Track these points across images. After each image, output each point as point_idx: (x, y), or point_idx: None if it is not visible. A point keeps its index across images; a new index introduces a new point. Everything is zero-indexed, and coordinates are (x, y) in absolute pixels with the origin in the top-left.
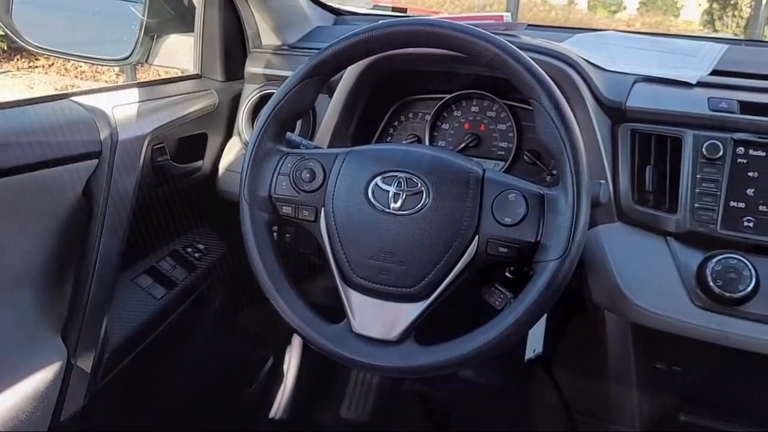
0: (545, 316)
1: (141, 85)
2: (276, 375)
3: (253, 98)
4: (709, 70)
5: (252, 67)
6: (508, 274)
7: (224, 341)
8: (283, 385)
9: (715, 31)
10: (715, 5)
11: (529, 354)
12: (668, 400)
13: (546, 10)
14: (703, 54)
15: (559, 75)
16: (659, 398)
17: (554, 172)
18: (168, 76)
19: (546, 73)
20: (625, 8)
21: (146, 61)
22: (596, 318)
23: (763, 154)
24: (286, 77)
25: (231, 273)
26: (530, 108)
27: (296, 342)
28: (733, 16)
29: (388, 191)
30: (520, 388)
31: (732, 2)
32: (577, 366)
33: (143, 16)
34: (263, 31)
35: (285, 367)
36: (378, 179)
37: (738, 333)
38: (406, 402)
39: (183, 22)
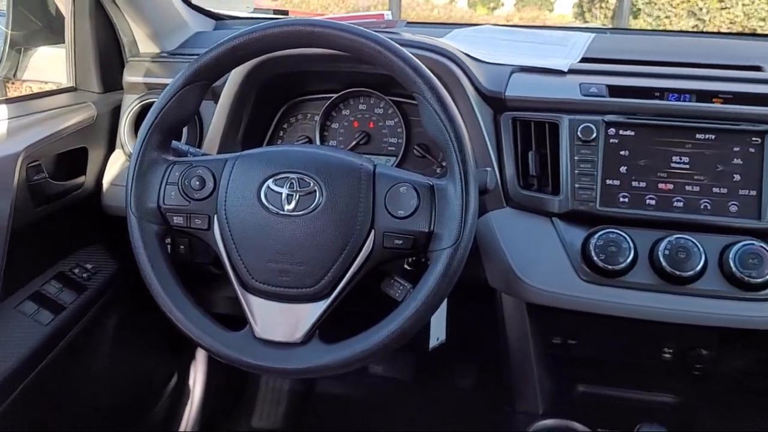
0: (446, 304)
1: (10, 101)
2: (182, 392)
3: (134, 108)
4: (579, 58)
5: (130, 77)
6: (407, 266)
7: (123, 362)
8: (190, 402)
9: (585, 22)
10: None
11: (433, 342)
12: (567, 373)
13: (428, 9)
14: (573, 43)
15: (439, 69)
16: (558, 373)
17: (444, 163)
18: (40, 91)
19: (427, 67)
20: (503, 5)
21: (14, 75)
22: (495, 301)
23: (632, 133)
24: (167, 85)
25: (125, 291)
26: (415, 103)
27: (200, 355)
28: (601, 8)
29: (281, 193)
30: (430, 378)
31: None
32: (480, 350)
33: (7, 28)
34: (140, 39)
35: (191, 382)
36: (270, 182)
37: (621, 302)
38: (319, 405)
39: (52, 33)
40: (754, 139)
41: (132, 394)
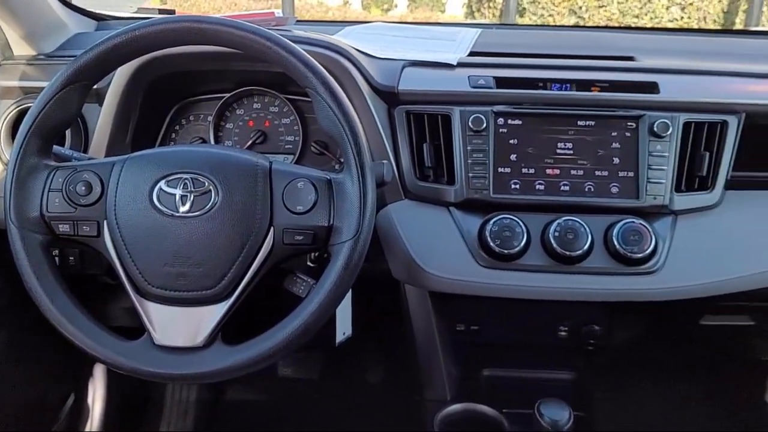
0: (350, 297)
1: None
2: (80, 412)
3: (11, 114)
4: (467, 52)
5: (4, 81)
6: (310, 263)
7: (13, 385)
8: (89, 421)
9: (475, 21)
10: None
11: (339, 337)
12: (472, 358)
13: (323, 11)
14: (461, 38)
15: (332, 64)
16: (464, 359)
17: (342, 160)
18: None
19: (319, 63)
20: (396, 6)
21: None
22: (399, 293)
23: (520, 122)
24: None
25: (9, 308)
26: (311, 100)
27: (99, 371)
28: (489, 7)
29: (175, 194)
30: (339, 376)
31: None
32: (388, 343)
33: None
34: (14, 41)
35: (89, 400)
36: (162, 183)
37: (517, 284)
38: (229, 412)
39: None
40: (629, 124)
41: (24, 418)
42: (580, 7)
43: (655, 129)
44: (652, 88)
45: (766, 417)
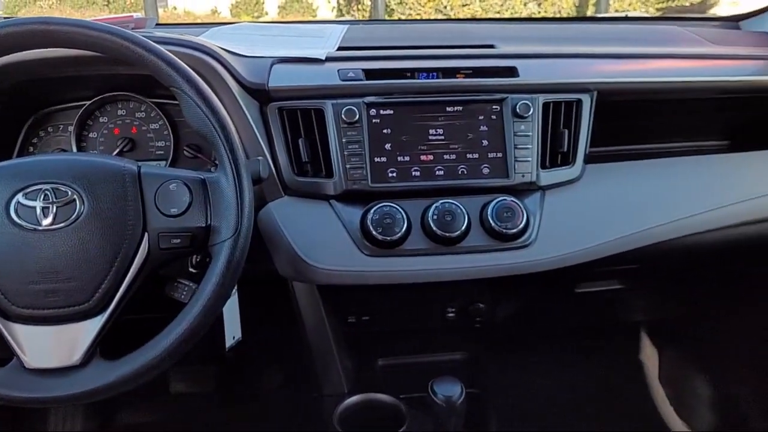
0: (237, 299)
1: None
2: None
3: None
4: (336, 47)
5: None
6: (191, 269)
7: None
8: None
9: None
10: (341, 1)
11: (229, 342)
12: (366, 349)
13: (191, 19)
14: (329, 34)
15: (197, 64)
16: (358, 350)
17: (217, 162)
18: None
19: (184, 63)
20: (266, 13)
21: None
22: (288, 291)
23: (392, 112)
24: None
25: None
26: (178, 102)
27: None
28: (358, 9)
29: (35, 207)
30: (234, 386)
31: None
32: (282, 344)
33: None
34: None
35: None
36: (19, 196)
37: (402, 269)
38: None
39: None
40: (494, 107)
41: None
42: (446, 6)
43: (518, 110)
44: (512, 72)
45: (641, 373)
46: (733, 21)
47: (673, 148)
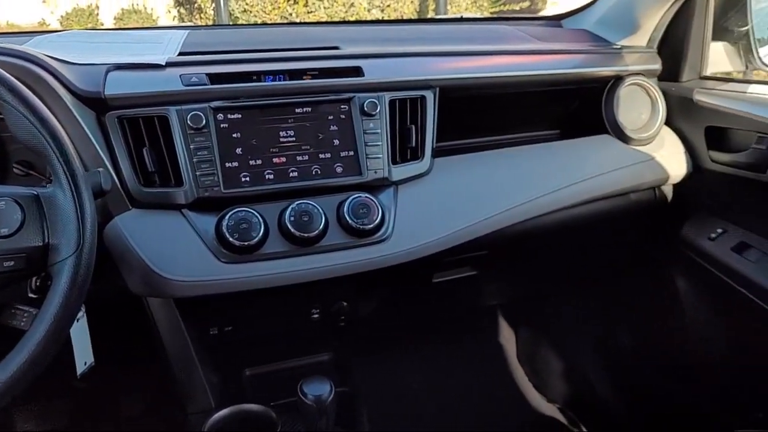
0: (86, 322)
1: None
2: None
3: None
4: (177, 52)
5: None
6: (31, 294)
7: None
8: None
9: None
10: (182, 10)
11: (81, 368)
12: (231, 360)
13: (14, 30)
14: (168, 40)
15: (21, 73)
16: (223, 363)
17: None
18: None
19: (5, 72)
20: (102, 24)
21: None
22: (142, 309)
23: (240, 116)
24: None
25: None
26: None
27: None
28: (200, 18)
29: None
30: (92, 415)
31: (196, 6)
32: (139, 365)
33: None
34: None
35: None
36: None
37: (262, 274)
38: None
39: None
40: (342, 106)
41: None
42: (291, 14)
43: (365, 109)
44: (357, 71)
45: (501, 354)
46: (556, 20)
47: (512, 139)
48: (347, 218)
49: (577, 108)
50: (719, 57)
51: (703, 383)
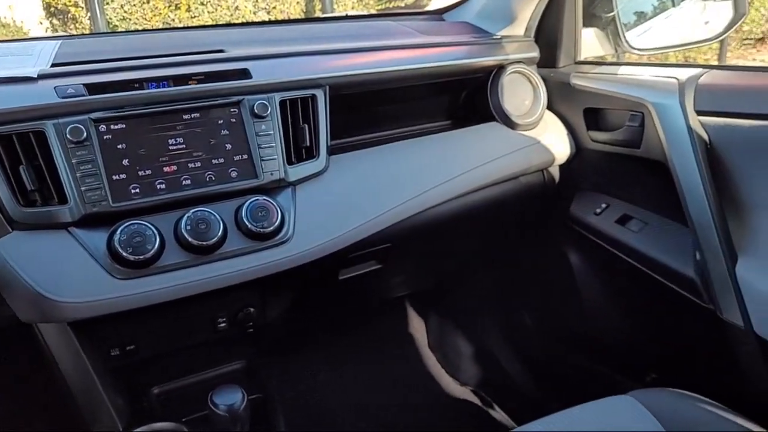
0: None
1: None
2: None
3: None
4: (50, 64)
5: None
6: None
7: None
8: None
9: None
10: (55, 21)
11: None
12: (137, 380)
13: None
14: (39, 51)
15: None
16: (129, 383)
17: None
18: None
19: None
20: None
21: None
22: (33, 337)
23: (124, 126)
24: None
25: None
26: None
27: None
28: (75, 28)
29: None
30: None
31: (70, 16)
32: (36, 397)
33: None
34: None
35: None
36: None
37: (161, 287)
38: None
39: None
40: (232, 110)
41: None
42: (173, 20)
43: (256, 111)
44: (245, 74)
45: (412, 345)
46: (438, 14)
47: (405, 132)
48: (246, 222)
49: (465, 98)
50: (592, 42)
51: (601, 350)
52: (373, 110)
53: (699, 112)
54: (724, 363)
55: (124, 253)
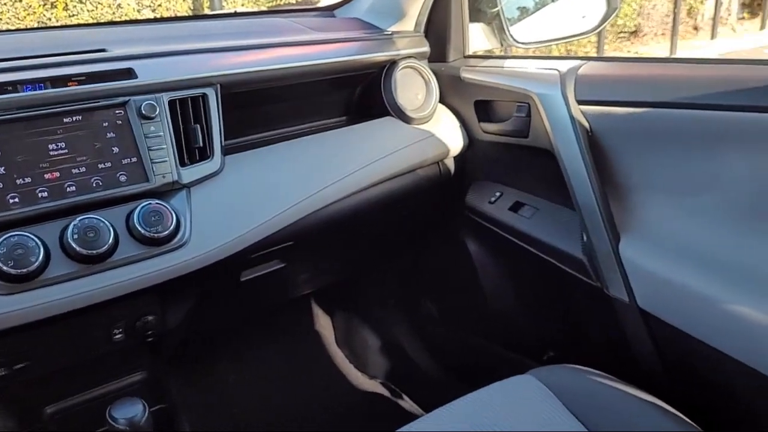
0: None
1: None
2: None
3: None
4: None
5: None
6: None
7: None
8: None
9: None
10: None
11: None
12: (30, 399)
13: None
14: None
15: None
16: (19, 404)
17: None
18: None
19: None
20: None
21: None
22: None
23: None
24: None
25: None
26: None
27: None
28: None
29: None
30: None
31: None
32: None
33: None
34: None
35: None
36: None
37: (49, 301)
38: None
39: None
40: (117, 111)
41: None
42: (49, 19)
43: (143, 112)
44: (129, 74)
45: (320, 342)
46: (329, 10)
47: (302, 129)
48: (139, 228)
49: (360, 94)
50: (479, 37)
51: (502, 332)
52: (268, 108)
53: (580, 102)
54: (613, 336)
55: (5, 267)
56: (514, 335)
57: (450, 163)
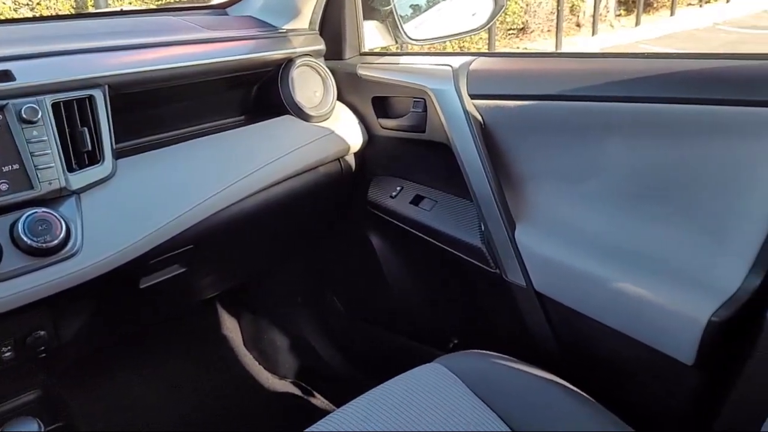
0: None
1: None
2: None
3: None
4: None
5: None
6: None
7: None
8: None
9: None
10: None
11: None
12: None
13: None
14: None
15: None
16: None
17: None
18: None
19: None
20: None
21: None
22: None
23: None
24: None
25: None
26: None
27: None
28: None
29: None
30: None
31: None
32: None
33: None
34: None
35: None
36: None
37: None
38: None
39: None
40: None
41: None
42: None
43: (24, 116)
44: (6, 76)
45: (227, 345)
46: (222, 8)
47: (198, 130)
48: (24, 238)
49: (257, 93)
50: (374, 34)
51: (408, 324)
52: (162, 109)
53: (472, 96)
54: (514, 320)
55: None
56: (419, 326)
57: (351, 160)
